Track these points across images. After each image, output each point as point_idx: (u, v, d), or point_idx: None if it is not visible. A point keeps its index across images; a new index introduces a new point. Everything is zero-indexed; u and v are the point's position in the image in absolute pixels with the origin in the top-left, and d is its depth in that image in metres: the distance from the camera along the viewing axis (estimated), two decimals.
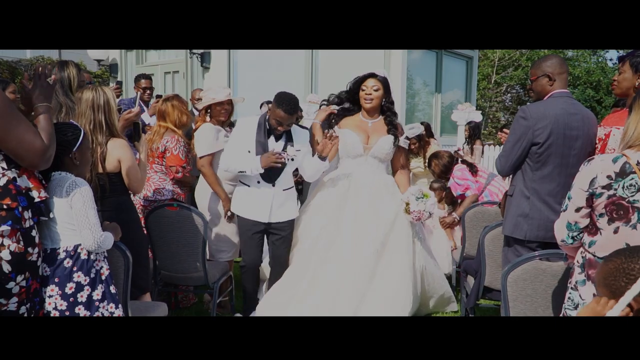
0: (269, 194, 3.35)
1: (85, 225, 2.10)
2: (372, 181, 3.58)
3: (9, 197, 1.87)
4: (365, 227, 3.45)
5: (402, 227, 3.54)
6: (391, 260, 3.44)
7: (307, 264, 3.41)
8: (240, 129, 3.41)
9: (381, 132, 3.55)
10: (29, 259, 1.94)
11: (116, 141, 2.69)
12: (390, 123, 3.57)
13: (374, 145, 3.52)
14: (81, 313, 2.08)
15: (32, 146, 1.85)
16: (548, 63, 2.92)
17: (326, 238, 3.45)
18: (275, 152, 3.20)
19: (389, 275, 3.41)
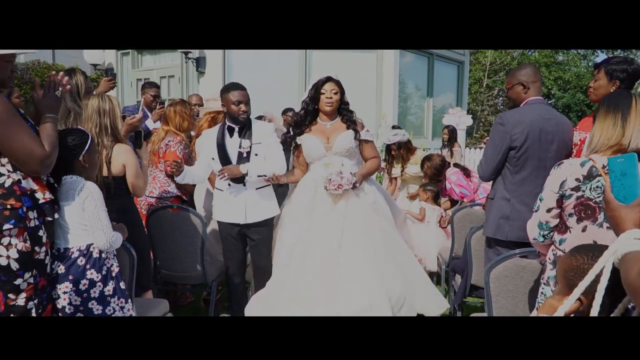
0: (241, 194, 3.39)
1: (98, 226, 2.26)
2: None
3: (13, 197, 2.00)
4: (332, 227, 3.44)
5: (359, 215, 3.49)
6: (352, 250, 3.39)
7: (286, 273, 3.39)
8: (203, 141, 3.52)
9: (340, 129, 3.55)
10: (36, 257, 2.07)
11: (121, 147, 2.85)
12: (348, 120, 3.57)
13: (334, 142, 3.52)
14: (94, 308, 2.24)
15: (32, 153, 1.98)
16: (522, 72, 3.10)
17: (301, 245, 3.43)
18: (171, 161, 3.28)
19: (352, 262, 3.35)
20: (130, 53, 10.50)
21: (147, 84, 5.55)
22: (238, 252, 3.48)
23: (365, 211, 3.51)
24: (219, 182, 3.39)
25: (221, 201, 3.44)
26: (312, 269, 3.34)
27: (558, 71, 19.64)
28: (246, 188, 3.38)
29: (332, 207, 3.46)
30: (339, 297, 3.24)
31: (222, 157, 3.34)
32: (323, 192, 3.46)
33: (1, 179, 1.96)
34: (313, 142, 3.52)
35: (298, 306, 3.24)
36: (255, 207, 3.41)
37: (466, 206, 4.24)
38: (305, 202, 3.52)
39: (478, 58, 19.11)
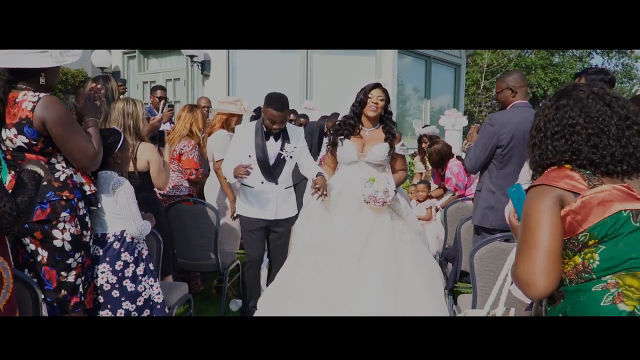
0: (273, 191, 3.57)
1: (129, 216, 2.59)
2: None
3: (67, 190, 2.34)
4: (357, 230, 3.52)
5: (387, 223, 3.55)
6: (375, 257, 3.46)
7: (298, 269, 3.50)
8: (239, 137, 3.64)
9: (378, 140, 3.61)
10: (84, 240, 2.42)
11: (146, 145, 3.17)
12: (388, 132, 3.63)
13: (369, 152, 3.59)
14: (128, 286, 2.56)
15: (86, 151, 2.31)
16: (511, 78, 3.44)
17: (319, 243, 3.55)
18: (245, 165, 3.35)
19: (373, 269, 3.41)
20: (136, 56, 10.82)
21: (155, 87, 5.93)
22: (260, 244, 3.66)
23: (394, 220, 3.57)
24: (250, 179, 3.48)
25: (250, 198, 3.61)
26: (328, 268, 3.43)
27: (554, 73, 19.96)
28: (277, 185, 3.58)
29: (358, 211, 3.52)
30: (352, 302, 3.32)
31: (260, 158, 3.49)
32: (349, 194, 3.54)
33: (57, 174, 2.29)
34: (347, 147, 3.59)
35: (307, 304, 3.34)
36: (283, 205, 3.64)
37: (458, 200, 4.57)
38: (330, 202, 3.60)
39: (475, 60, 19.43)
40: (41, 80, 2.21)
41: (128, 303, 2.57)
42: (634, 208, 1.39)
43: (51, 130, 2.17)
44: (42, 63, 2.15)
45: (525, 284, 1.42)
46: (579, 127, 1.48)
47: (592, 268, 1.41)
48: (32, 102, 2.14)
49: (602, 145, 1.45)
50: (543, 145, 1.55)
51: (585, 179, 1.43)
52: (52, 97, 2.20)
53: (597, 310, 1.37)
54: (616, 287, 1.37)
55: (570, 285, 1.45)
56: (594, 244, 1.41)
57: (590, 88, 1.54)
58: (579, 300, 1.42)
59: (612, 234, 1.39)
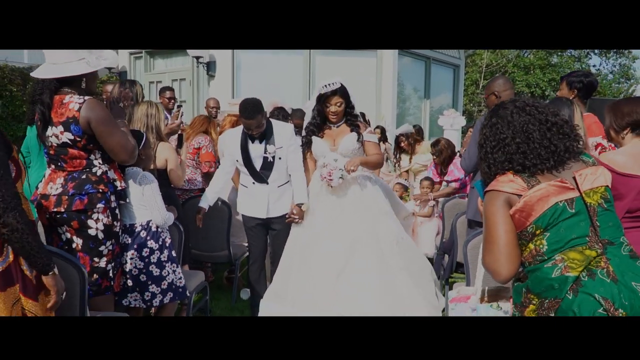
0: (264, 191, 3.68)
1: (155, 207, 2.86)
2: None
3: (102, 184, 2.60)
4: (334, 224, 3.67)
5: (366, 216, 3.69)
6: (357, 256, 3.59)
7: (290, 267, 3.65)
8: (227, 143, 3.79)
9: (345, 132, 3.76)
10: (114, 230, 2.68)
11: (164, 144, 3.44)
12: (351, 124, 3.76)
13: (340, 144, 3.73)
14: (153, 271, 2.83)
15: (126, 146, 2.57)
16: (495, 84, 3.71)
17: (304, 240, 3.68)
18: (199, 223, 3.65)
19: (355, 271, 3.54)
20: (142, 57, 11.05)
21: (163, 88, 6.21)
22: (260, 240, 3.82)
23: (377, 213, 3.72)
24: (244, 179, 3.73)
25: (245, 196, 3.77)
26: (316, 266, 3.55)
27: (552, 73, 20.25)
28: (268, 185, 3.69)
29: (339, 208, 3.67)
30: (342, 300, 3.44)
31: (246, 161, 3.62)
32: (327, 193, 3.70)
33: (94, 169, 2.56)
34: (319, 145, 3.77)
35: (302, 301, 3.49)
36: (276, 203, 3.73)
37: (455, 197, 4.85)
38: (311, 199, 3.75)
39: (474, 60, 19.71)
40: (82, 84, 2.49)
41: (154, 286, 2.84)
42: (567, 198, 1.69)
43: (95, 129, 2.44)
44: (82, 70, 2.42)
45: (492, 272, 1.75)
46: (508, 139, 1.79)
47: (543, 251, 1.71)
48: (78, 104, 2.41)
49: (529, 150, 1.75)
50: (487, 158, 1.85)
51: (525, 182, 1.73)
52: (95, 99, 2.47)
53: (550, 282, 1.67)
54: (562, 262, 1.67)
55: (529, 267, 1.75)
56: (540, 233, 1.70)
57: (513, 103, 1.85)
58: (535, 276, 1.72)
59: (553, 222, 1.69)
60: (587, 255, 1.66)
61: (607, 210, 1.73)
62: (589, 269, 1.64)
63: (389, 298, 3.45)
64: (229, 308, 4.07)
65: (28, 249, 1.79)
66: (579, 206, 1.69)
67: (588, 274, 1.64)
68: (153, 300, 2.86)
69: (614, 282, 1.61)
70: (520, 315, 1.78)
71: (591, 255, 1.66)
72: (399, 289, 3.51)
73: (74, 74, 2.42)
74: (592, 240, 1.68)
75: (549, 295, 1.68)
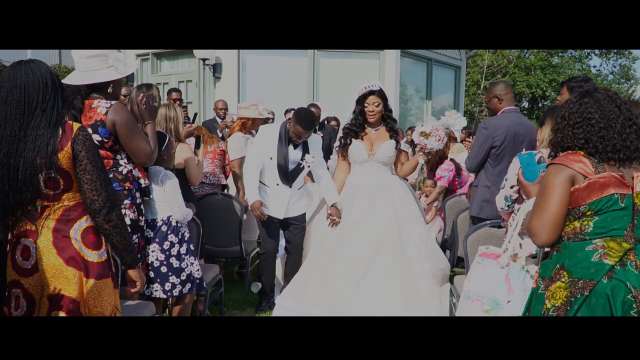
0: (286, 193, 3.87)
1: (175, 204, 3.05)
2: (375, 184, 3.95)
3: (128, 181, 2.80)
4: (363, 227, 3.81)
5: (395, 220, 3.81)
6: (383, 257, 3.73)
7: (318, 258, 3.82)
8: (262, 138, 3.92)
9: (383, 138, 3.95)
10: (139, 224, 2.88)
11: (183, 145, 3.64)
12: (391, 129, 3.96)
13: (377, 151, 3.91)
14: (173, 263, 3.03)
15: (144, 149, 2.75)
16: (497, 88, 3.92)
17: (331, 241, 3.85)
18: (265, 214, 3.77)
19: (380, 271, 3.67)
20: (149, 58, 11.23)
21: (170, 90, 6.45)
22: (274, 237, 4.00)
23: (406, 217, 3.86)
24: (267, 178, 3.87)
25: (264, 195, 3.90)
26: (340, 268, 3.68)
27: (553, 74, 20.40)
28: (292, 188, 3.89)
29: (372, 208, 3.84)
30: (363, 302, 3.57)
31: (281, 163, 3.78)
32: (362, 196, 3.89)
33: (120, 169, 2.76)
34: (358, 148, 3.93)
35: (322, 301, 3.63)
36: (295, 205, 3.95)
37: (455, 195, 5.05)
38: (345, 202, 3.92)
39: (476, 61, 19.86)
40: (109, 89, 2.69)
41: (174, 277, 3.04)
42: (622, 192, 1.87)
43: (118, 131, 2.63)
44: (110, 77, 2.62)
45: (533, 235, 1.93)
46: (594, 121, 1.93)
47: (587, 232, 1.89)
48: (105, 108, 2.61)
49: (607, 137, 1.90)
50: (565, 130, 1.99)
51: (594, 166, 1.89)
52: (121, 104, 2.67)
53: (588, 264, 1.85)
54: (603, 248, 1.86)
55: (568, 242, 1.93)
56: (590, 215, 1.88)
57: (606, 92, 2.00)
58: (576, 255, 1.89)
59: (605, 209, 1.87)
60: (624, 247, 1.86)
61: None
62: (622, 260, 1.84)
63: (411, 301, 3.56)
64: (241, 300, 4.28)
65: (125, 244, 2.03)
66: (628, 203, 1.87)
67: (620, 264, 1.84)
68: (173, 290, 3.05)
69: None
70: (545, 288, 1.94)
71: (626, 248, 1.86)
72: (421, 292, 3.63)
73: (104, 81, 2.62)
74: (628, 235, 1.88)
75: (584, 276, 1.86)
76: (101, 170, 1.97)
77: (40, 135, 1.85)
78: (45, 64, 1.98)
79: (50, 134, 1.86)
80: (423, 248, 3.80)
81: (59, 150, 1.87)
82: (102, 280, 2.01)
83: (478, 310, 2.40)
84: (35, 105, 1.88)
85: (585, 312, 1.84)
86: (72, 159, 1.90)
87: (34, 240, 1.92)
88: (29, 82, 1.88)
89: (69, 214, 1.95)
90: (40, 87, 1.89)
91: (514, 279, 2.30)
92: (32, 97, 1.88)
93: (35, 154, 1.84)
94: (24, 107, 1.87)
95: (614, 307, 1.79)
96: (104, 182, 1.96)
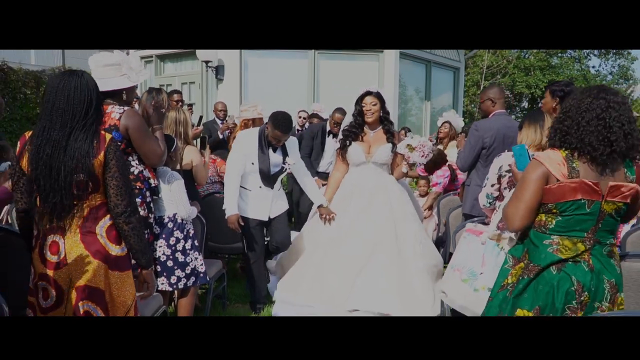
0: (268, 195, 4.01)
1: (180, 202, 3.25)
2: (373, 185, 4.13)
3: (139, 181, 3.00)
4: (361, 225, 3.99)
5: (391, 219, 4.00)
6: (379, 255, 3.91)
7: (313, 254, 4.01)
8: (242, 144, 3.95)
9: (381, 141, 4.12)
10: (149, 221, 3.07)
11: (190, 148, 3.84)
12: (388, 131, 4.12)
13: (375, 153, 4.09)
14: (179, 257, 3.22)
15: (156, 151, 2.96)
16: (491, 91, 4.12)
17: (327, 237, 4.04)
18: (239, 228, 3.85)
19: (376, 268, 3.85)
20: (153, 60, 11.43)
21: (171, 91, 6.64)
22: (261, 239, 4.10)
23: (402, 216, 4.04)
24: (249, 182, 3.96)
25: (247, 199, 3.99)
26: (336, 265, 3.86)
27: (552, 74, 20.58)
28: (273, 189, 4.03)
29: (369, 207, 4.02)
30: (359, 297, 3.74)
31: (263, 168, 3.89)
32: (359, 195, 4.08)
33: (132, 169, 2.95)
34: (356, 151, 4.12)
35: (316, 296, 3.83)
36: (276, 203, 4.10)
37: (449, 194, 5.24)
38: (339, 198, 4.13)
39: (476, 62, 20.05)
40: (123, 96, 2.88)
41: (179, 271, 3.23)
42: (591, 199, 2.01)
43: (131, 135, 2.82)
44: (124, 84, 2.82)
45: (508, 220, 2.13)
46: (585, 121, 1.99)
47: (548, 227, 2.08)
48: (119, 113, 2.80)
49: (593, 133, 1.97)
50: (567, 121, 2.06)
51: (569, 170, 2.02)
52: (133, 110, 2.86)
53: (545, 255, 2.05)
54: (557, 245, 2.06)
55: (534, 231, 2.12)
56: (555, 213, 2.07)
57: (615, 97, 2.01)
58: (535, 244, 2.10)
59: (569, 212, 2.04)
60: (578, 248, 2.04)
61: (613, 219, 2.08)
62: (575, 259, 2.04)
63: (407, 299, 3.72)
64: (243, 294, 4.46)
65: (141, 246, 2.21)
66: (594, 208, 2.03)
67: (573, 261, 2.04)
68: (178, 283, 3.25)
69: (590, 271, 2.03)
70: (512, 266, 2.17)
71: (580, 249, 2.04)
72: (416, 291, 3.80)
73: (117, 88, 2.82)
74: (587, 237, 2.05)
75: (534, 261, 2.08)
76: (127, 178, 2.16)
77: (78, 148, 2.04)
78: (93, 80, 2.16)
79: (88, 146, 2.05)
80: (418, 246, 4.00)
81: (94, 157, 2.06)
82: (124, 272, 2.21)
83: (457, 279, 2.70)
84: (77, 119, 2.06)
85: (531, 294, 2.06)
86: (103, 166, 2.09)
87: (63, 236, 2.11)
88: (75, 96, 2.06)
89: (95, 212, 2.13)
90: (85, 104, 2.07)
91: (488, 255, 2.56)
92: (75, 111, 2.05)
93: (75, 163, 2.04)
94: (68, 117, 2.05)
95: (556, 296, 2.01)
96: (128, 189, 2.15)
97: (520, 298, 2.10)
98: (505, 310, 2.13)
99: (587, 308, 2.03)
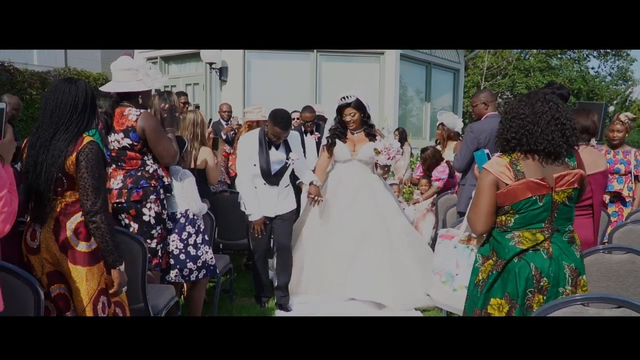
0: (274, 192, 4.10)
1: (192, 199, 3.45)
2: (358, 181, 4.42)
3: (154, 179, 3.20)
4: (347, 219, 4.26)
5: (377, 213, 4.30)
6: (367, 248, 4.18)
7: (306, 251, 4.30)
8: (244, 147, 4.10)
9: (364, 140, 4.45)
10: (163, 217, 3.27)
11: (205, 148, 4.04)
12: (368, 134, 4.44)
13: (359, 151, 4.42)
14: (191, 251, 3.42)
15: (170, 151, 3.16)
16: (483, 95, 4.32)
17: (320, 228, 4.27)
18: (262, 231, 4.03)
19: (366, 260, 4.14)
20: (157, 62, 11.61)
21: (177, 93, 6.83)
22: (266, 237, 4.19)
23: (387, 211, 4.31)
24: (256, 181, 4.07)
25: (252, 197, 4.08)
26: (328, 260, 4.09)
27: (551, 75, 20.77)
28: (278, 186, 4.12)
29: (354, 203, 4.28)
30: (350, 283, 3.99)
31: (263, 167, 4.00)
32: (345, 186, 4.34)
33: (147, 168, 3.15)
34: (341, 149, 4.43)
35: (313, 287, 4.14)
36: (282, 202, 4.17)
37: (447, 193, 5.44)
38: (327, 194, 4.34)
39: (476, 63, 20.22)
40: (139, 100, 3.08)
41: (191, 264, 3.43)
42: (541, 194, 2.20)
43: (148, 136, 3.02)
44: (139, 88, 3.03)
45: (471, 225, 2.34)
46: (523, 116, 2.18)
47: (509, 226, 2.26)
48: (136, 115, 3.00)
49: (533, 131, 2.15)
50: (504, 123, 2.30)
51: (514, 173, 2.20)
52: (149, 112, 3.07)
53: (508, 249, 2.23)
54: (518, 237, 2.24)
55: (497, 230, 2.30)
56: (512, 213, 2.25)
57: (544, 95, 2.21)
58: (500, 241, 2.28)
59: (524, 209, 2.22)
60: (537, 237, 2.22)
61: (566, 206, 2.26)
62: (535, 248, 2.21)
63: (400, 283, 4.00)
64: (248, 289, 4.66)
65: (104, 245, 2.32)
66: (546, 201, 2.20)
67: (533, 250, 2.22)
68: (190, 275, 3.44)
69: (549, 259, 2.20)
70: (482, 264, 2.35)
71: (539, 239, 2.22)
72: (411, 274, 4.10)
73: (133, 91, 3.02)
74: (545, 227, 2.23)
75: (500, 256, 2.27)
76: (96, 179, 2.24)
77: (58, 147, 2.25)
78: (86, 85, 2.34)
79: (65, 146, 2.25)
80: (405, 237, 4.33)
81: (67, 157, 2.25)
82: (86, 267, 2.30)
83: (438, 281, 2.95)
84: (62, 122, 2.26)
85: (500, 284, 2.25)
86: (74, 165, 2.26)
87: (41, 225, 2.30)
88: (62, 100, 2.26)
89: (68, 208, 2.31)
90: (69, 108, 2.26)
91: (460, 257, 2.78)
92: (61, 114, 2.26)
93: (52, 160, 2.24)
94: (55, 119, 2.26)
95: (518, 282, 2.20)
96: (95, 190, 2.24)
97: (492, 290, 2.28)
98: (480, 304, 2.32)
99: (549, 293, 2.20)
